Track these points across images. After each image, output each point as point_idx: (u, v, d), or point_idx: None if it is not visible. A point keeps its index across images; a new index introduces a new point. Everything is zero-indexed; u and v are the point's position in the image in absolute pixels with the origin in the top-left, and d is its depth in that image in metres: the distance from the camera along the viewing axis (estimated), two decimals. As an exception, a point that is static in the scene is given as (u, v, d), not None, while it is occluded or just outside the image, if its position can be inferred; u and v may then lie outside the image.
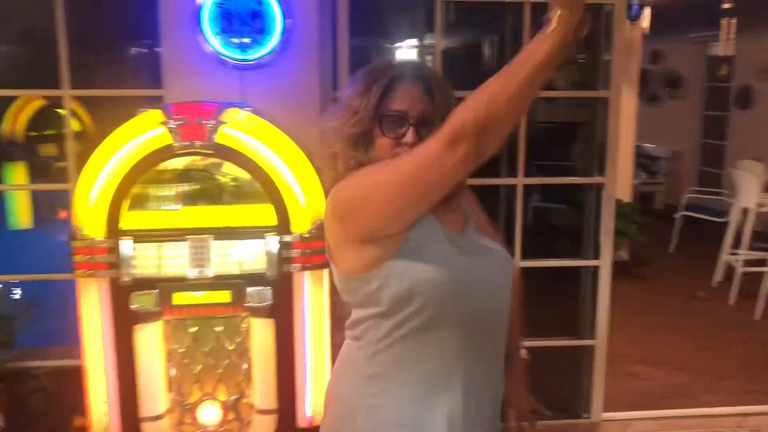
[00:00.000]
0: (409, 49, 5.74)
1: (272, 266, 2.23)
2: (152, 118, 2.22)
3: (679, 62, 8.39)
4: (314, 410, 2.32)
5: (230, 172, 2.37)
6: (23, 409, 2.94)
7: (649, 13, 4.81)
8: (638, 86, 5.86)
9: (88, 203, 2.18)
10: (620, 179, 4.23)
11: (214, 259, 2.23)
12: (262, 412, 2.31)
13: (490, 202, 2.74)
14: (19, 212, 5.22)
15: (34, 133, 5.33)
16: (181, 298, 2.24)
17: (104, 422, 2.27)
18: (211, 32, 2.54)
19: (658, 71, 8.53)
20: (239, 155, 2.21)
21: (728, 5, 5.45)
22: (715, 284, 5.32)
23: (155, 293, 2.21)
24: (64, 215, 3.73)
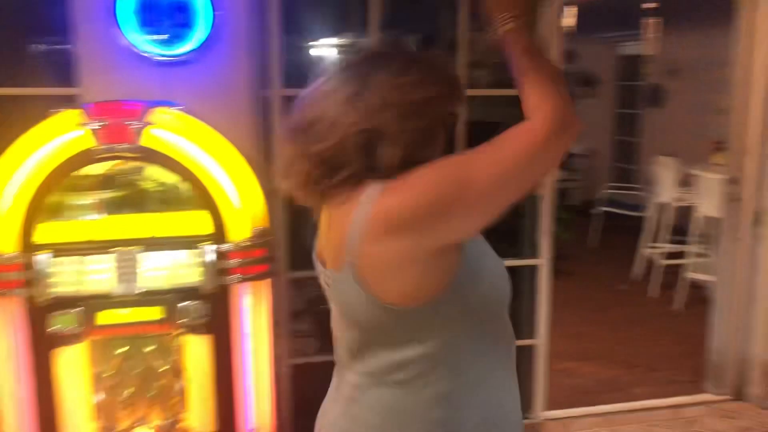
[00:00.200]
0: (334, 46, 5.60)
1: (207, 279, 2.07)
2: (69, 119, 2.01)
3: (591, 62, 8.63)
4: (258, 430, 2.18)
5: (158, 176, 2.18)
6: None
7: (575, 12, 4.88)
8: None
9: (-4, 214, 1.95)
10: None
11: (142, 272, 2.05)
12: (199, 435, 2.15)
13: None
14: None
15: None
16: (106, 316, 2.04)
17: (21, 458, 2.05)
18: (129, 26, 2.34)
19: (572, 71, 8.75)
20: (169, 158, 2.04)
21: (652, 5, 5.64)
22: (635, 277, 5.48)
23: (77, 312, 2.00)
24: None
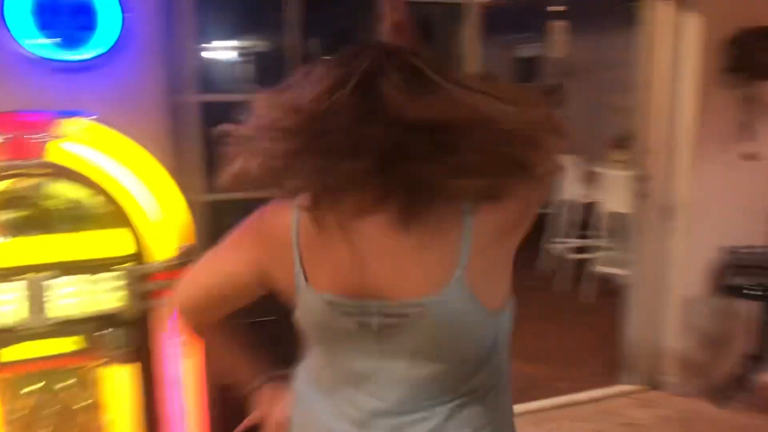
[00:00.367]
0: (245, 49, 5.42)
1: (129, 303, 1.90)
2: (-38, 133, 1.79)
3: (489, 64, 8.83)
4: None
5: (69, 193, 1.98)
6: None
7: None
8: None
9: None
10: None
11: (54, 300, 1.86)
12: (126, 474, 1.98)
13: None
14: None
15: None
16: (14, 352, 1.83)
17: None
18: (24, 29, 2.12)
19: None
20: (80, 175, 1.86)
21: (559, 8, 5.84)
22: (543, 273, 5.62)
23: (-21, 349, 1.79)
24: None
